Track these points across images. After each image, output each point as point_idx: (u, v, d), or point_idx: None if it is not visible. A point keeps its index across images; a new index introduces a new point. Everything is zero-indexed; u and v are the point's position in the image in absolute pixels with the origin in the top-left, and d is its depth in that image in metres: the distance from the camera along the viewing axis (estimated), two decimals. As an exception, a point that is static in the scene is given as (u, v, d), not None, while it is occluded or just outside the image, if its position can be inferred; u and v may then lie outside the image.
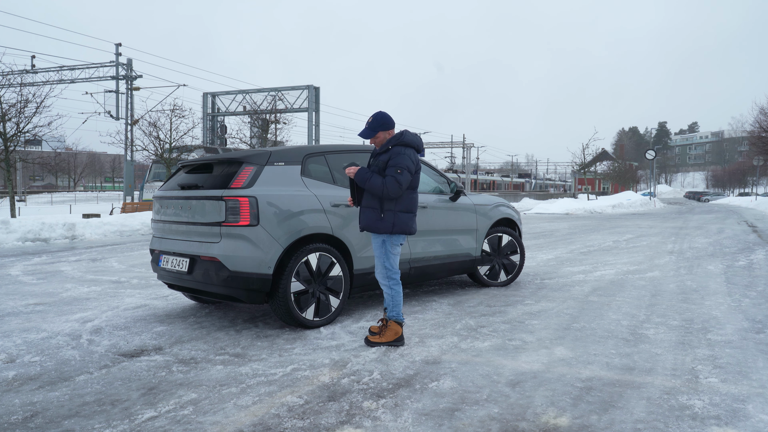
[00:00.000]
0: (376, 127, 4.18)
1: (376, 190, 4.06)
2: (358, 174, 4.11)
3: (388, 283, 4.23)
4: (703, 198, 66.01)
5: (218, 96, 39.78)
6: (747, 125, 53.29)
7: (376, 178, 4.07)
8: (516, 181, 79.65)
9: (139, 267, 8.41)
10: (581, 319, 5.09)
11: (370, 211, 4.16)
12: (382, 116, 4.20)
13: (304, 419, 2.96)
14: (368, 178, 4.08)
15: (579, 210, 26.87)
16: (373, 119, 4.18)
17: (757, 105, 55.76)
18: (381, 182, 4.05)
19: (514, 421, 2.93)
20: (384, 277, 4.24)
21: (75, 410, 3.09)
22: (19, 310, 5.50)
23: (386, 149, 4.15)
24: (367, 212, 4.17)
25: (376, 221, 4.14)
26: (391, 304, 4.24)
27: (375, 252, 4.27)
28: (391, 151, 4.12)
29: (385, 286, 4.24)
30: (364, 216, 4.19)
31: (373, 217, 4.14)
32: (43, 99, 19.47)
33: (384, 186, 4.04)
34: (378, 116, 4.19)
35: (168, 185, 5.34)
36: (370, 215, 4.15)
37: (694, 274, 7.69)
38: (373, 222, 4.14)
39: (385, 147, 4.17)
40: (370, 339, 4.23)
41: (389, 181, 4.04)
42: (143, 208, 21.00)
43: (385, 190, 4.05)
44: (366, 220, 4.18)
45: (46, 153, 40.68)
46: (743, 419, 2.94)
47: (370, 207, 4.16)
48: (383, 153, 4.17)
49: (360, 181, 4.11)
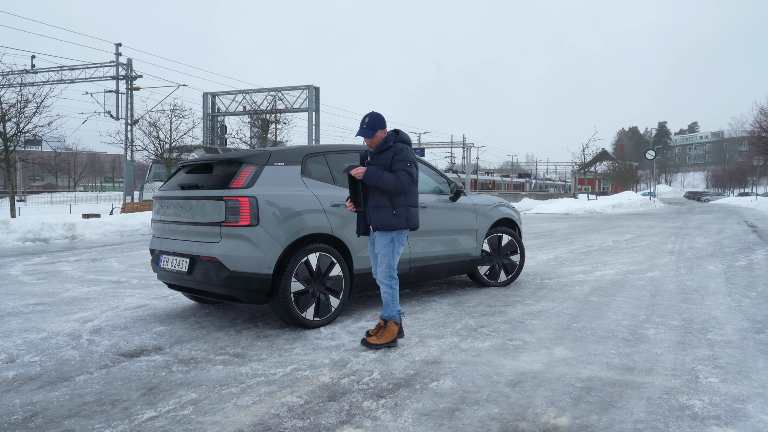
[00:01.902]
0: (375, 126, 4.22)
1: (390, 185, 4.09)
2: (368, 173, 4.10)
3: (390, 282, 4.23)
4: (703, 198, 66.01)
5: (218, 96, 39.79)
6: (747, 125, 53.33)
7: (388, 175, 4.10)
8: (516, 181, 79.67)
9: (139, 267, 8.41)
10: (581, 319, 5.09)
11: (380, 210, 4.16)
12: (379, 116, 4.27)
13: (304, 419, 2.96)
14: (380, 176, 4.09)
15: (579, 210, 26.87)
16: (371, 119, 4.22)
17: (757, 105, 55.83)
18: (394, 177, 4.09)
19: (514, 421, 2.93)
20: (387, 277, 4.23)
21: (75, 410, 3.09)
22: (19, 310, 5.50)
23: (388, 146, 4.21)
24: (378, 212, 4.16)
25: (390, 218, 4.15)
26: (391, 303, 4.24)
27: (381, 251, 4.23)
28: (394, 148, 4.19)
29: (387, 285, 4.23)
30: (376, 216, 4.17)
31: (386, 215, 4.15)
32: (43, 99, 19.48)
33: (398, 180, 4.09)
34: (375, 116, 4.25)
35: (168, 185, 5.34)
36: (383, 214, 4.15)
37: (694, 274, 7.69)
38: (387, 219, 4.15)
39: (385, 145, 4.22)
40: (368, 341, 4.19)
41: (403, 175, 4.11)
42: (143, 208, 21.00)
43: (399, 185, 4.10)
44: (379, 219, 4.16)
45: (46, 153, 40.70)
46: (743, 419, 2.94)
47: (380, 206, 4.16)
48: (385, 151, 4.21)
49: (372, 179, 4.09)
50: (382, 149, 4.22)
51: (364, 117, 4.23)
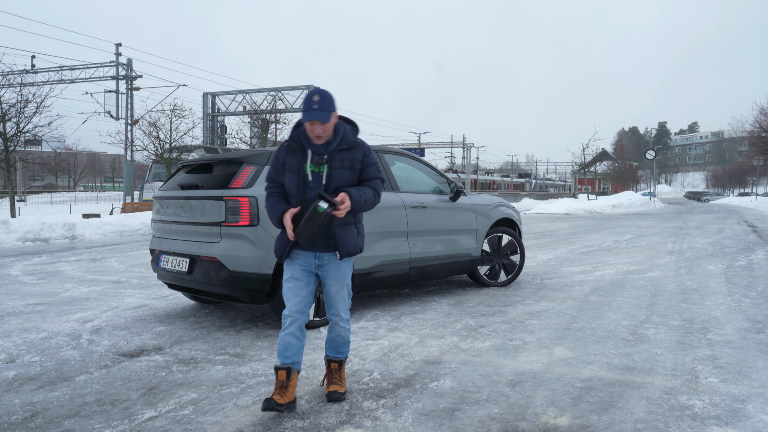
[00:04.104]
0: (329, 106, 3.00)
1: (371, 204, 3.16)
2: (355, 201, 3.04)
3: (349, 317, 3.27)
4: (703, 198, 66.03)
5: (218, 96, 39.77)
6: (747, 125, 53.22)
7: (367, 191, 3.12)
8: (516, 181, 79.64)
9: (139, 267, 8.41)
10: (581, 319, 5.08)
11: (348, 230, 3.13)
12: (329, 93, 3.03)
13: (304, 419, 2.96)
14: (364, 200, 3.10)
15: (579, 210, 26.87)
16: (323, 97, 2.99)
17: (757, 105, 55.81)
18: (373, 193, 3.16)
19: (514, 421, 2.93)
20: (347, 311, 3.23)
21: (75, 410, 3.09)
22: (19, 310, 5.50)
23: (354, 144, 3.15)
24: (346, 232, 3.12)
25: (356, 239, 3.18)
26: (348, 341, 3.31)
27: (345, 281, 3.19)
28: (362, 147, 3.18)
29: (347, 322, 3.23)
30: (346, 238, 3.11)
31: (353, 236, 3.16)
32: (43, 99, 19.51)
33: (376, 195, 3.19)
34: (327, 93, 3.02)
35: (168, 185, 5.34)
36: (350, 234, 3.14)
37: (694, 274, 7.69)
38: (356, 242, 3.17)
39: (347, 141, 3.12)
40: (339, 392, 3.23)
41: (380, 186, 3.21)
42: (143, 208, 21.01)
43: (377, 199, 3.20)
44: (349, 242, 3.12)
45: (46, 153, 40.74)
46: (743, 419, 2.94)
47: (346, 224, 3.13)
48: (350, 149, 3.13)
49: (358, 207, 3.08)
50: (345, 147, 3.11)
51: (311, 94, 2.98)
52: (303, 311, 3.08)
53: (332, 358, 3.28)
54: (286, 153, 3.14)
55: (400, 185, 5.67)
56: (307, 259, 3.12)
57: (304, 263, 3.12)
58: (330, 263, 3.13)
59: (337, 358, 3.28)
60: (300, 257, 3.12)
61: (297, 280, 3.10)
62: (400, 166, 5.91)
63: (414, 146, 57.17)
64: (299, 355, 3.09)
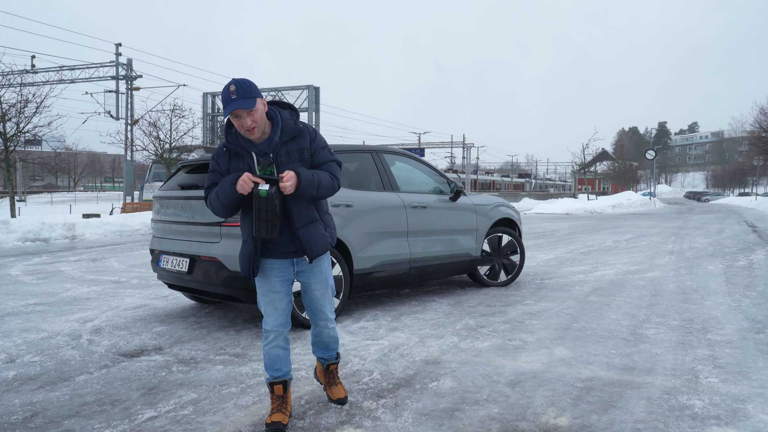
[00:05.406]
0: (252, 92, 2.64)
1: (328, 189, 2.83)
2: (305, 181, 2.72)
3: (335, 316, 3.15)
4: (703, 198, 66.04)
5: (218, 96, 39.74)
6: (747, 125, 53.28)
7: (322, 174, 2.82)
8: (516, 181, 79.68)
9: (139, 267, 8.41)
10: (581, 319, 5.09)
11: (314, 228, 2.86)
12: (248, 80, 2.68)
13: (304, 419, 2.96)
14: (318, 180, 2.77)
15: (579, 210, 26.87)
16: (240, 85, 2.63)
17: (757, 105, 55.82)
18: (329, 176, 2.84)
19: (514, 421, 2.93)
20: (333, 311, 3.08)
21: (75, 410, 3.09)
22: (19, 310, 5.50)
23: (297, 131, 2.82)
24: (313, 230, 2.86)
25: (324, 235, 2.91)
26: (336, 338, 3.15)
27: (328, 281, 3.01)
28: (306, 131, 2.85)
29: (333, 322, 3.09)
30: (312, 237, 2.85)
31: (320, 232, 2.88)
32: (43, 99, 19.49)
33: (334, 179, 2.87)
34: (243, 80, 2.67)
35: (168, 185, 5.34)
36: (317, 231, 2.87)
37: (694, 274, 7.69)
38: (324, 238, 2.91)
39: (289, 128, 2.80)
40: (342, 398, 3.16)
41: (336, 169, 2.89)
42: (143, 208, 21.00)
43: (336, 185, 2.89)
44: (317, 241, 2.86)
45: (46, 153, 40.74)
46: (743, 419, 2.94)
47: (312, 221, 2.87)
48: (294, 139, 2.82)
49: (310, 188, 2.74)
50: (288, 137, 2.79)
51: (227, 86, 2.63)
52: (285, 323, 2.92)
53: (328, 360, 3.18)
54: (228, 158, 2.80)
55: (400, 185, 5.67)
56: (284, 267, 2.89)
57: (281, 273, 2.89)
58: (310, 267, 2.93)
59: (330, 358, 3.18)
60: (275, 268, 2.87)
61: (275, 292, 2.88)
62: (400, 166, 5.92)
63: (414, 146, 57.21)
64: (288, 364, 2.95)
